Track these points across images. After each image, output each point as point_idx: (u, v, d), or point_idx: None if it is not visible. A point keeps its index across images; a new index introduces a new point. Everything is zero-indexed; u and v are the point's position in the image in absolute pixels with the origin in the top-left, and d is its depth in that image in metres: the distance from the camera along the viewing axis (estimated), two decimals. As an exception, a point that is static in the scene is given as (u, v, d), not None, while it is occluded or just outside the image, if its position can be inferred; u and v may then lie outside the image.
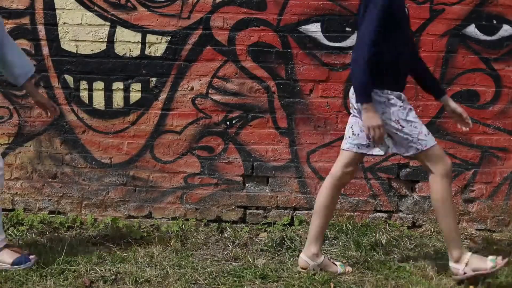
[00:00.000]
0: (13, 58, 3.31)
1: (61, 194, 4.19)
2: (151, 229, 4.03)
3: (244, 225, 4.12)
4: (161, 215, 4.18)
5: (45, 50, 4.13)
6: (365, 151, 3.21)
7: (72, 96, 4.16)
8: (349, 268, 3.33)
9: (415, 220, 4.13)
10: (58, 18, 4.11)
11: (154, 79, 4.12)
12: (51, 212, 4.18)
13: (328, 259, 3.33)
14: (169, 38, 4.10)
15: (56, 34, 4.11)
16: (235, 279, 3.17)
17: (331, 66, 4.08)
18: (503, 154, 4.11)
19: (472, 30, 4.05)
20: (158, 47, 4.11)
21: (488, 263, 3.10)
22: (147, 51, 4.11)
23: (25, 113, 4.16)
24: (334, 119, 4.10)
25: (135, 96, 4.14)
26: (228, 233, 3.96)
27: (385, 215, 4.14)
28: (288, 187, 4.15)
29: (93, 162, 4.17)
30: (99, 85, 4.14)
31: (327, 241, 3.78)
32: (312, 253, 3.26)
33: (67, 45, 4.13)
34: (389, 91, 3.09)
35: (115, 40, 4.11)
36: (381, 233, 3.83)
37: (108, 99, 4.14)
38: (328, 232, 3.85)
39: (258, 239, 3.88)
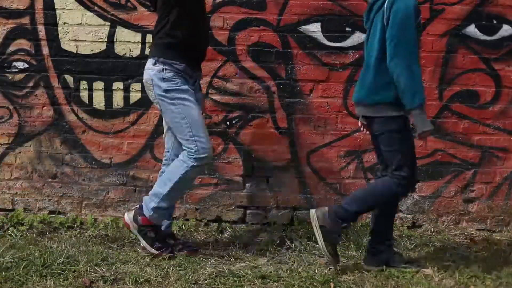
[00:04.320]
0: None
1: (61, 194, 4.19)
2: (151, 229, 4.03)
3: (244, 225, 4.12)
4: (161, 215, 4.17)
5: (45, 50, 4.13)
6: None
7: (72, 96, 4.16)
8: None
9: (415, 220, 4.13)
10: (58, 18, 4.11)
11: (154, 79, 4.12)
12: (51, 212, 4.18)
13: None
14: (169, 38, 4.09)
15: (56, 34, 4.12)
16: (235, 279, 3.17)
17: (331, 66, 4.08)
18: (503, 154, 4.11)
19: (472, 30, 4.05)
20: (158, 47, 4.10)
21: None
22: (147, 51, 4.10)
23: (25, 113, 4.16)
24: (334, 119, 4.10)
25: (135, 96, 4.15)
26: (228, 233, 3.96)
27: (385, 215, 4.14)
28: (288, 187, 4.15)
29: (93, 162, 4.17)
30: (99, 85, 4.14)
31: (327, 241, 3.78)
32: None
33: (67, 45, 4.13)
34: None
35: (115, 40, 4.11)
36: (381, 233, 3.82)
37: (108, 99, 4.14)
38: (328, 232, 3.85)
39: (258, 239, 3.88)
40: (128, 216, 3.50)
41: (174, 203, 3.61)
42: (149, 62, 3.46)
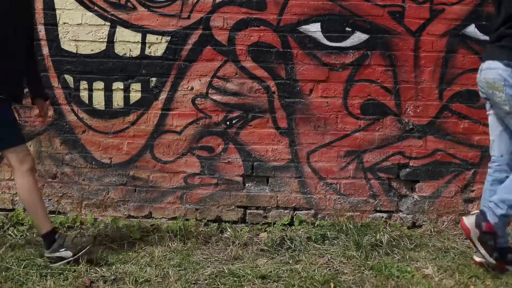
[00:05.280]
0: None
1: (61, 194, 4.20)
2: (151, 229, 4.03)
3: (244, 225, 4.12)
4: (161, 215, 4.18)
5: (45, 50, 4.13)
6: None
7: (72, 96, 4.16)
8: None
9: (415, 220, 4.13)
10: (58, 18, 4.11)
11: (154, 79, 4.13)
12: (51, 212, 4.17)
13: None
14: (169, 38, 4.10)
15: (56, 34, 4.11)
16: (235, 279, 3.17)
17: (331, 66, 4.08)
18: (503, 154, 4.10)
19: (472, 30, 4.05)
20: (158, 47, 4.11)
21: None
22: (147, 51, 4.11)
23: (25, 113, 4.16)
24: (334, 119, 4.10)
25: (135, 96, 4.15)
26: (228, 233, 3.96)
27: (385, 215, 4.14)
28: (288, 187, 4.15)
29: (93, 162, 4.17)
30: (99, 85, 4.14)
31: (327, 241, 3.78)
32: None
33: (67, 45, 4.13)
34: None
35: (115, 40, 4.11)
36: (381, 233, 3.83)
37: (108, 99, 4.14)
38: (328, 232, 3.86)
39: (258, 239, 3.88)
40: (468, 221, 3.20)
41: None
42: (497, 63, 3.21)
